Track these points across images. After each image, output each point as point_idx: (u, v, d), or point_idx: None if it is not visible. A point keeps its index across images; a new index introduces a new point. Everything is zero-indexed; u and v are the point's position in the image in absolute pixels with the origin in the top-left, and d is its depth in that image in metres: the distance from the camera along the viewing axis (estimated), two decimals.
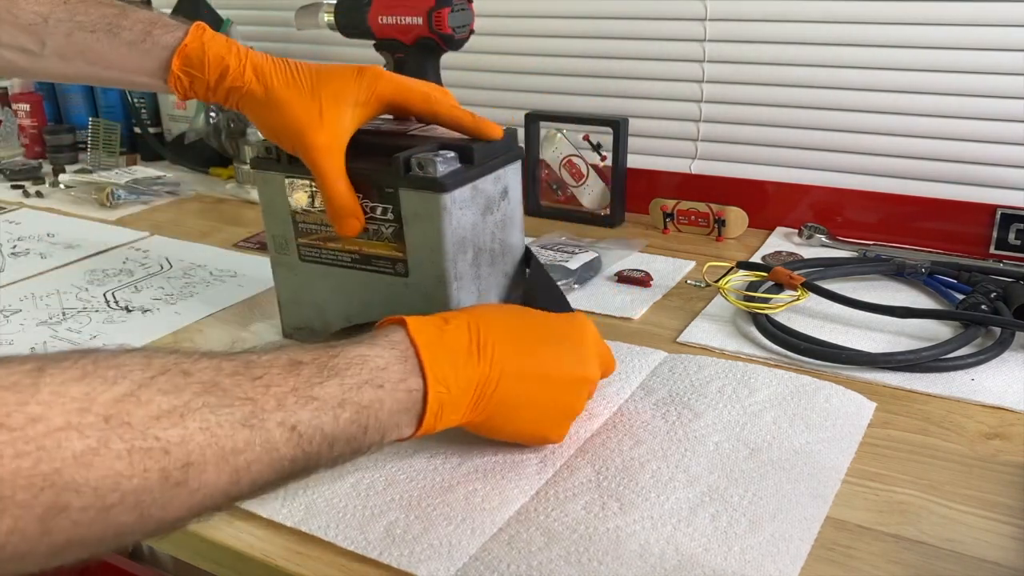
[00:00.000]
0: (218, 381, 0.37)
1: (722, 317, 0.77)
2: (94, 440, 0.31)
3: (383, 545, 0.48)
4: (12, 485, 0.29)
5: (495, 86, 1.21)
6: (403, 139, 0.65)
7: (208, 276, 0.90)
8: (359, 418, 0.43)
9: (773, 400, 0.62)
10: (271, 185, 0.67)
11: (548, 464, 0.56)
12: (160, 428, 0.33)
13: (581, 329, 0.56)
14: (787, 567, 0.46)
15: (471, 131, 0.64)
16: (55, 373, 0.32)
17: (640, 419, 0.61)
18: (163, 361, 0.36)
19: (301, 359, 0.42)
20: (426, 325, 0.49)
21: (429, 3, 0.99)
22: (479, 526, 0.50)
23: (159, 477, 0.33)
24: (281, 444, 0.39)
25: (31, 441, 0.29)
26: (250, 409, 0.38)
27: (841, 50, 0.97)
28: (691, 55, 1.05)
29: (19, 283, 0.90)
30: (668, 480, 0.54)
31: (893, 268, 0.84)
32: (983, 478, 0.54)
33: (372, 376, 0.44)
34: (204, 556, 0.52)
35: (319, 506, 0.52)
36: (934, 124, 0.94)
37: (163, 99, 1.34)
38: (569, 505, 0.52)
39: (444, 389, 0.47)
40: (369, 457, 0.56)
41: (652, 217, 1.02)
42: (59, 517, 0.30)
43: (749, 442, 0.57)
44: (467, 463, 0.56)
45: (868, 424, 0.60)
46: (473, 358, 0.49)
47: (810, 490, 0.53)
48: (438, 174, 0.59)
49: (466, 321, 0.51)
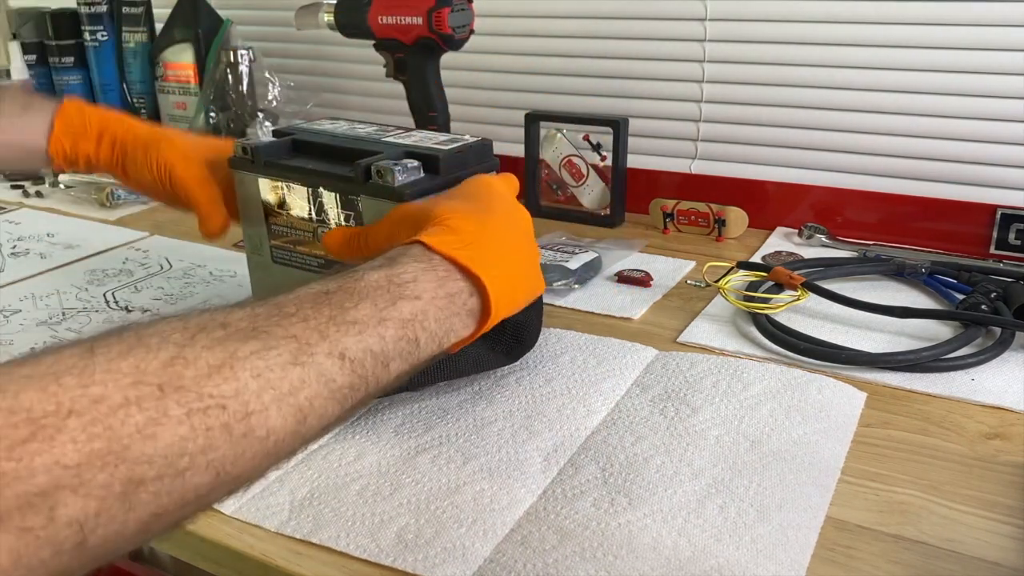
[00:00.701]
0: (256, 326, 0.37)
1: (722, 317, 0.77)
2: (153, 411, 0.31)
3: (396, 551, 0.48)
4: (91, 468, 0.29)
5: (495, 86, 1.21)
6: (375, 145, 0.64)
7: (208, 276, 0.90)
8: (406, 333, 0.43)
9: (767, 393, 0.63)
10: (245, 185, 0.68)
11: (552, 462, 0.56)
12: (212, 385, 0.33)
13: (488, 186, 0.57)
14: (798, 555, 0.47)
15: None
16: (104, 351, 0.32)
17: (639, 415, 0.61)
18: (199, 319, 0.36)
19: (328, 288, 0.42)
20: (439, 234, 0.49)
21: (429, 3, 0.99)
22: (491, 527, 0.50)
23: (222, 432, 0.33)
24: (336, 374, 0.39)
25: (98, 422, 0.30)
26: (295, 346, 0.37)
27: (841, 50, 0.97)
28: (691, 55, 1.05)
29: (19, 283, 0.90)
30: (673, 474, 0.54)
31: (893, 268, 0.84)
32: (983, 478, 0.54)
33: (403, 291, 0.44)
34: (204, 556, 0.52)
35: (327, 516, 0.51)
36: (934, 124, 0.94)
37: (163, 99, 1.34)
38: (578, 503, 0.52)
39: (494, 277, 0.48)
40: (372, 462, 0.56)
41: (652, 217, 1.02)
42: (138, 491, 0.31)
43: (748, 435, 0.58)
44: (471, 463, 0.56)
45: (869, 424, 0.60)
46: (484, 245, 0.49)
47: (812, 479, 0.54)
48: (396, 183, 0.58)
49: (458, 217, 0.51)
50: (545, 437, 0.59)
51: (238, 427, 0.34)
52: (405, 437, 0.59)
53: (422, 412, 0.62)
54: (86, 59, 1.37)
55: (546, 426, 0.60)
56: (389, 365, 0.42)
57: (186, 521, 0.34)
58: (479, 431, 0.59)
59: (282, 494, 0.53)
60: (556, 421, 0.60)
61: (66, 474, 0.29)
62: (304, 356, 0.38)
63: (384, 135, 0.67)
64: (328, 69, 1.35)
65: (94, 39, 1.34)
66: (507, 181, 0.60)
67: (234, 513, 0.52)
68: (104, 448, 0.30)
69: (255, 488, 0.54)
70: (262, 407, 0.35)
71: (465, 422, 0.61)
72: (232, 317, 0.37)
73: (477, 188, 0.56)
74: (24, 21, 1.39)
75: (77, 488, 0.29)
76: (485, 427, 0.60)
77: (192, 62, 1.29)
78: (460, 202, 0.54)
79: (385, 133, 0.68)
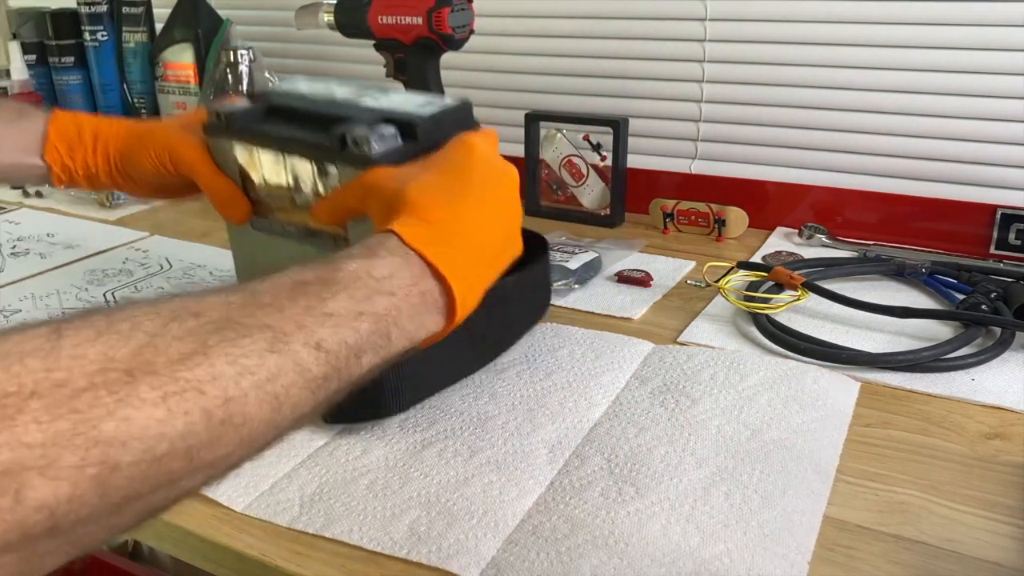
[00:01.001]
0: (230, 315, 0.37)
1: (722, 317, 0.77)
2: (123, 394, 0.31)
3: (410, 544, 0.48)
4: (57, 447, 0.29)
5: (495, 86, 1.21)
6: (352, 109, 0.61)
7: (208, 276, 0.90)
8: (379, 327, 0.43)
9: (764, 384, 0.64)
10: (222, 152, 0.66)
11: (558, 454, 0.57)
12: (186, 369, 0.33)
13: (468, 150, 0.55)
14: (803, 538, 0.49)
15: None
16: (71, 334, 0.32)
17: (639, 407, 0.62)
18: (171, 306, 0.36)
19: (304, 278, 0.42)
20: (414, 226, 0.48)
21: (429, 3, 0.99)
22: (501, 518, 0.50)
23: (202, 416, 0.33)
24: (311, 364, 0.38)
25: (63, 404, 0.29)
26: (271, 335, 0.37)
27: (841, 50, 0.97)
28: (691, 55, 1.05)
29: (19, 283, 0.90)
30: (678, 463, 0.55)
31: (893, 268, 0.84)
32: (983, 478, 0.54)
33: (380, 285, 0.44)
34: (204, 556, 0.52)
35: (338, 511, 0.52)
36: (934, 124, 0.94)
37: (163, 99, 1.34)
38: (586, 493, 0.53)
39: (462, 277, 0.48)
40: (379, 457, 0.56)
41: (652, 217, 1.02)
42: (113, 475, 0.30)
43: (749, 424, 0.59)
44: (478, 456, 0.56)
45: (869, 424, 0.60)
46: (456, 237, 0.49)
47: (813, 466, 0.55)
48: (372, 152, 0.56)
49: (433, 205, 0.50)
50: (549, 430, 0.59)
51: (217, 412, 0.33)
52: (410, 432, 0.59)
53: (424, 408, 0.62)
54: (86, 59, 1.37)
55: (549, 419, 0.60)
56: (362, 358, 0.42)
57: (157, 512, 0.34)
58: (483, 424, 0.60)
59: (291, 490, 0.54)
60: (559, 414, 0.61)
61: (30, 454, 0.28)
62: (280, 344, 0.37)
63: (361, 97, 0.64)
64: (328, 69, 1.35)
65: (94, 39, 1.34)
66: (487, 138, 0.58)
67: (244, 510, 0.52)
68: (70, 429, 0.29)
69: (264, 485, 0.54)
70: (241, 393, 0.34)
71: (468, 416, 0.61)
72: (204, 305, 0.37)
73: (456, 156, 0.55)
74: (24, 21, 1.39)
75: (44, 470, 0.28)
76: (488, 421, 0.60)
77: (192, 62, 1.29)
78: (436, 176, 0.52)
79: (363, 94, 0.65)
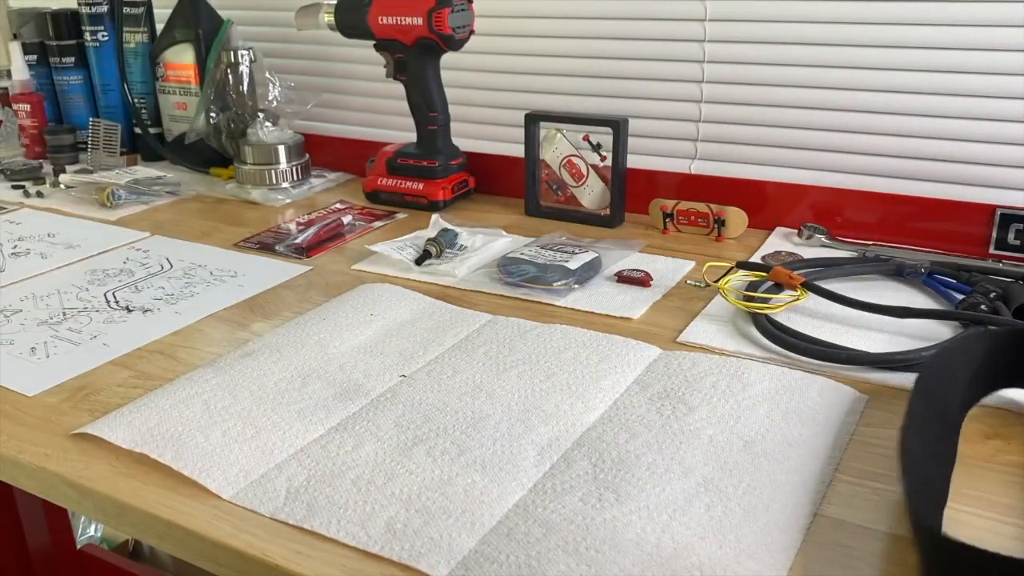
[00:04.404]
0: None
1: (722, 317, 0.77)
2: None
3: (384, 540, 0.49)
4: None
5: (495, 86, 1.21)
6: None
7: (208, 276, 0.90)
8: None
9: (767, 394, 0.63)
10: None
11: (546, 457, 0.56)
12: None
13: None
14: (780, 556, 0.47)
15: None
16: None
17: (635, 413, 0.61)
18: None
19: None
20: None
21: (429, 3, 0.99)
22: (478, 519, 0.50)
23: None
24: None
25: None
26: None
27: (841, 50, 0.97)
28: (691, 55, 1.05)
29: (19, 283, 0.90)
30: (663, 472, 0.54)
31: (893, 268, 0.84)
32: (983, 478, 0.54)
33: None
34: (204, 556, 0.52)
35: (320, 504, 0.52)
36: (934, 124, 0.94)
37: (163, 99, 1.34)
38: (566, 497, 0.52)
39: None
40: (369, 452, 0.56)
41: (652, 217, 1.02)
42: None
43: (743, 435, 0.58)
44: (465, 455, 0.56)
45: (869, 424, 0.60)
46: None
47: (803, 481, 0.54)
48: None
49: None
50: (541, 432, 0.59)
51: None
52: (404, 428, 0.59)
53: (422, 404, 0.62)
54: (87, 59, 1.37)
55: (542, 421, 0.60)
56: None
57: None
58: (476, 424, 0.60)
59: (280, 480, 0.54)
60: (553, 416, 0.61)
61: None
62: None
63: None
64: (328, 69, 1.35)
65: (95, 39, 1.34)
66: None
67: (232, 498, 0.53)
68: None
69: (254, 474, 0.55)
70: None
71: (464, 415, 0.61)
72: None
73: None
74: (24, 21, 1.40)
75: None
76: (482, 420, 0.60)
77: (192, 62, 1.29)
78: None
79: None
